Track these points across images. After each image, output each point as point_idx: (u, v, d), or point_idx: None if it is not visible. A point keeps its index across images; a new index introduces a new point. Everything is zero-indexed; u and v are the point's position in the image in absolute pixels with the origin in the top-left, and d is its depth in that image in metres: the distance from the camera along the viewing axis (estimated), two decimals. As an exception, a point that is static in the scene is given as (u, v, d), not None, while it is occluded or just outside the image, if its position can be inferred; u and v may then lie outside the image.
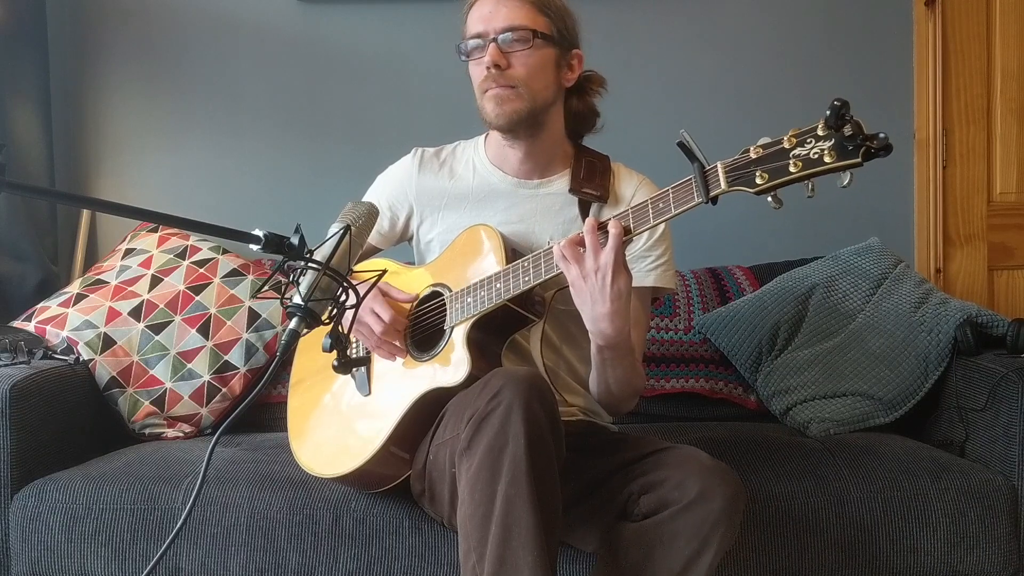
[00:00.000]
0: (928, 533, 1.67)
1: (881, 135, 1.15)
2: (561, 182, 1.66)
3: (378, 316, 1.58)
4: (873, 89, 2.54)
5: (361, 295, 1.40)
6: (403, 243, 1.82)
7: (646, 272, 1.59)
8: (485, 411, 1.29)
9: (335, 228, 1.42)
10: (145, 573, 1.37)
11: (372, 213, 1.49)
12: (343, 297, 1.36)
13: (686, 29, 2.57)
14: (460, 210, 1.69)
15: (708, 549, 1.32)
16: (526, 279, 1.45)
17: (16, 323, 2.14)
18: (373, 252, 1.81)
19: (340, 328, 1.39)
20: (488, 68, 1.55)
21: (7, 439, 1.72)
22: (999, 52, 2.55)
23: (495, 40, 1.55)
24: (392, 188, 1.76)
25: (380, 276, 1.53)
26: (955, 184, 2.55)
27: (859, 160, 1.15)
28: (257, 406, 2.14)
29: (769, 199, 1.22)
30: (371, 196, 1.77)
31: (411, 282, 1.67)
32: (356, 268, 1.64)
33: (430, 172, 1.73)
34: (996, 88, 2.55)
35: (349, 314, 1.33)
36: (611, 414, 1.70)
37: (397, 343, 1.58)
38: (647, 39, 2.56)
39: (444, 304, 1.57)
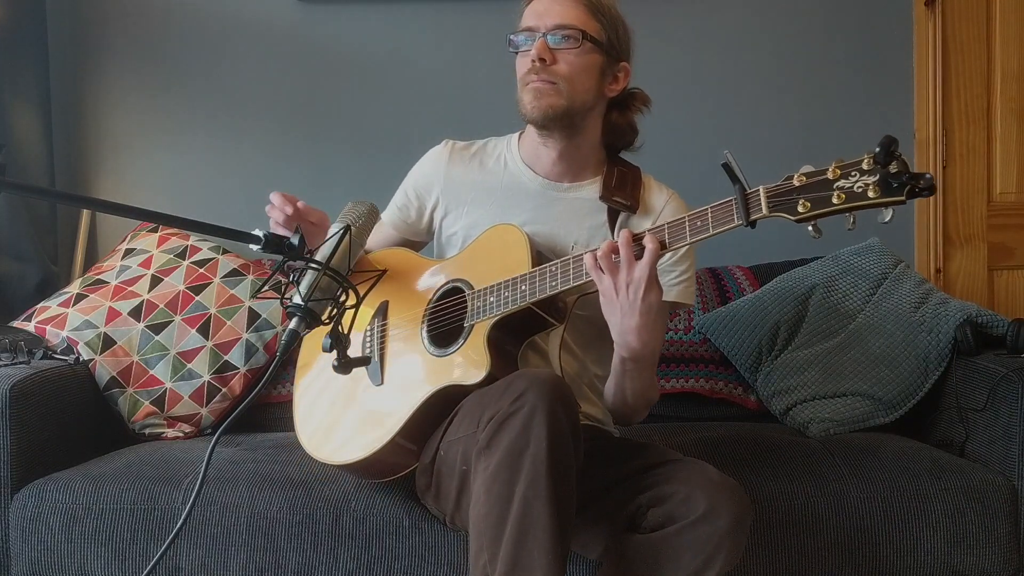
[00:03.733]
0: (928, 533, 1.67)
1: (927, 175, 1.15)
2: (591, 188, 1.65)
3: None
4: (873, 89, 2.54)
5: (361, 295, 1.41)
6: (428, 242, 1.82)
7: (669, 287, 1.59)
8: (508, 412, 1.29)
9: (335, 228, 1.42)
10: (145, 573, 1.37)
11: (372, 213, 1.50)
12: (343, 297, 1.37)
13: (685, 30, 2.57)
14: (486, 205, 1.68)
15: (713, 566, 1.33)
16: (553, 284, 1.44)
17: (16, 323, 2.14)
18: (399, 243, 1.81)
19: (340, 328, 1.40)
20: (533, 61, 1.56)
21: (7, 439, 1.72)
22: (999, 52, 2.55)
23: (544, 36, 1.56)
24: (420, 176, 1.76)
25: (380, 276, 1.54)
26: (955, 184, 2.55)
27: (903, 198, 1.16)
28: (257, 406, 2.14)
29: (809, 228, 1.23)
30: (401, 187, 1.79)
31: (431, 275, 1.66)
32: (358, 269, 1.64)
33: (460, 163, 1.73)
34: (996, 88, 2.55)
35: (349, 314, 1.33)
36: (621, 424, 1.69)
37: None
38: (646, 40, 2.55)
39: (464, 301, 1.56)
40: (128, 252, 2.29)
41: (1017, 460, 1.73)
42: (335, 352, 1.42)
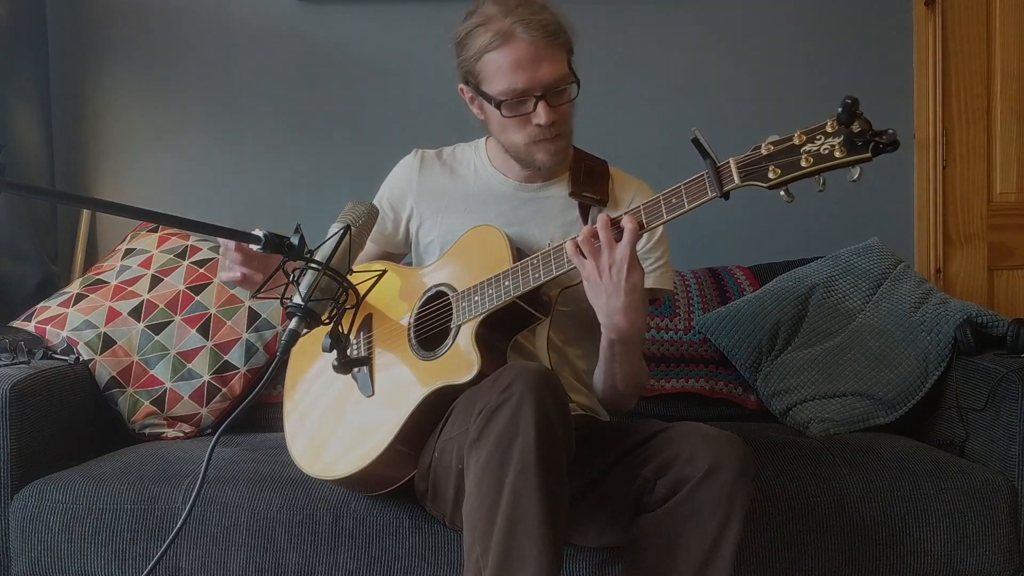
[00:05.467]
0: (928, 533, 1.67)
1: (890, 131, 1.19)
2: (561, 186, 1.67)
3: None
4: (873, 89, 2.54)
5: (361, 295, 1.41)
6: (407, 254, 1.82)
7: (646, 274, 1.59)
8: (496, 403, 1.29)
9: (335, 228, 1.42)
10: (145, 573, 1.37)
11: (372, 213, 1.49)
12: (343, 297, 1.37)
13: (685, 30, 2.57)
14: (460, 211, 1.69)
15: (734, 517, 1.34)
16: (536, 276, 1.46)
17: (16, 323, 2.14)
18: (379, 256, 1.81)
19: (340, 328, 1.40)
20: (539, 125, 1.54)
21: (7, 439, 1.72)
22: (999, 52, 2.55)
23: (544, 97, 1.52)
24: (394, 188, 1.77)
25: (380, 276, 1.54)
26: (955, 184, 2.55)
27: (868, 155, 1.19)
28: (257, 406, 2.14)
29: (782, 193, 1.26)
30: (375, 200, 1.78)
31: (413, 284, 1.67)
32: (356, 269, 1.64)
33: (431, 172, 1.74)
34: (996, 88, 2.55)
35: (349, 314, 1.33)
36: (612, 412, 1.70)
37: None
38: (646, 40, 2.56)
39: (449, 304, 1.56)
40: (128, 252, 2.29)
41: (1017, 460, 1.73)
42: (335, 352, 1.42)
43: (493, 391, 1.31)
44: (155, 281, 2.19)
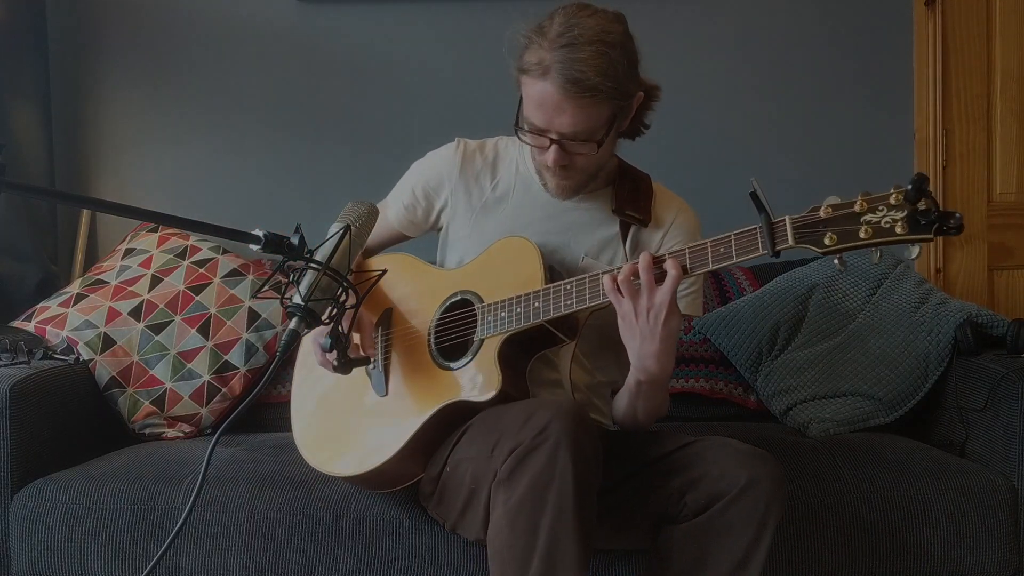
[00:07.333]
0: (928, 533, 1.67)
1: (957, 215, 1.14)
2: (603, 200, 1.62)
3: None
4: (873, 89, 2.54)
5: (361, 295, 1.41)
6: (427, 234, 1.78)
7: (678, 299, 1.57)
8: (531, 445, 1.28)
9: (335, 228, 1.42)
10: (145, 573, 1.37)
11: (372, 213, 1.49)
12: (343, 297, 1.37)
13: (685, 30, 2.56)
14: (496, 213, 1.64)
15: (767, 528, 1.34)
16: (568, 303, 1.42)
17: (16, 323, 2.14)
18: (403, 239, 1.77)
19: (340, 328, 1.40)
20: (547, 164, 1.51)
21: (7, 439, 1.72)
22: (999, 52, 2.55)
23: (559, 141, 1.46)
24: (430, 177, 1.69)
25: (380, 276, 1.54)
26: (955, 184, 2.55)
27: (931, 236, 1.15)
28: (257, 406, 2.14)
29: (836, 261, 1.23)
30: (406, 183, 1.72)
31: (438, 285, 1.63)
32: (359, 269, 1.63)
33: (471, 168, 1.67)
34: (996, 88, 2.55)
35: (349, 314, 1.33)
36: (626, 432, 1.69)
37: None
38: (645, 40, 2.55)
39: (473, 314, 1.53)
40: (128, 252, 2.29)
41: (1017, 460, 1.73)
42: (335, 352, 1.42)
43: (526, 431, 1.29)
44: (155, 281, 2.19)
